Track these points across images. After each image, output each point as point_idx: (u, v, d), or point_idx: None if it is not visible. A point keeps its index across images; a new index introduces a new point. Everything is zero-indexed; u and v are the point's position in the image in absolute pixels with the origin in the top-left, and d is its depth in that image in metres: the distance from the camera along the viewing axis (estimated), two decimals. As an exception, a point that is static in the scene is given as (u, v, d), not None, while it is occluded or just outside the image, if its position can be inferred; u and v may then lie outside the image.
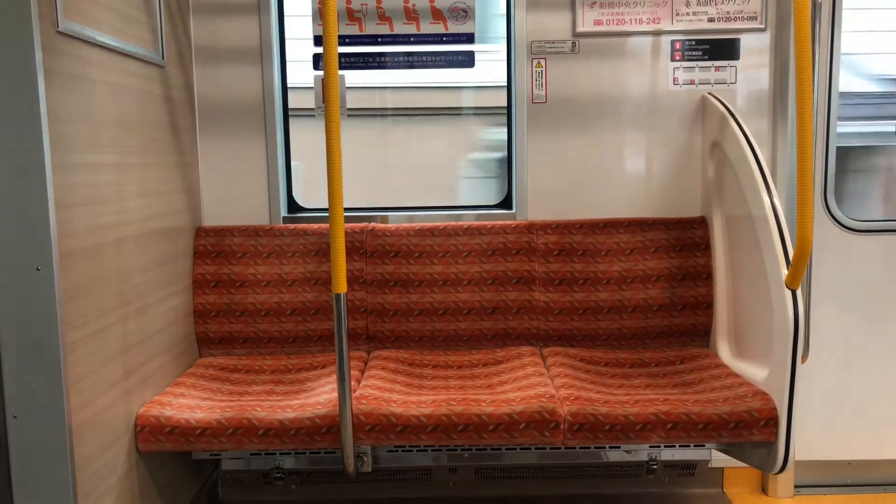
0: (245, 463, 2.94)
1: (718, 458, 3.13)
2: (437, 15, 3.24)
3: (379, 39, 3.28)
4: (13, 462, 2.00)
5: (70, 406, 2.03)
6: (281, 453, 2.80)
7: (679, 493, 3.28)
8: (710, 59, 3.21)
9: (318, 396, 2.64)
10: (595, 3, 3.18)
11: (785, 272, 2.42)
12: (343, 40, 3.25)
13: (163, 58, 2.83)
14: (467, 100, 3.95)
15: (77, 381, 2.10)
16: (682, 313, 3.11)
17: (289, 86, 3.33)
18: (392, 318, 3.14)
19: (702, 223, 3.17)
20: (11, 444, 2.00)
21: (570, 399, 2.51)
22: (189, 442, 2.47)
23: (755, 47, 3.19)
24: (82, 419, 2.13)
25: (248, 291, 3.13)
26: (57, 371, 1.99)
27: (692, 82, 3.22)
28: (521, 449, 2.74)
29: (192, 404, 2.59)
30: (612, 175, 3.28)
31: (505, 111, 3.34)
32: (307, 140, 3.44)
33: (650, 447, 2.78)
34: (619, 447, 2.79)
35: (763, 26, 3.17)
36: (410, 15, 3.24)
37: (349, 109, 3.34)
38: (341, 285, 2.24)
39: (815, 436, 3.27)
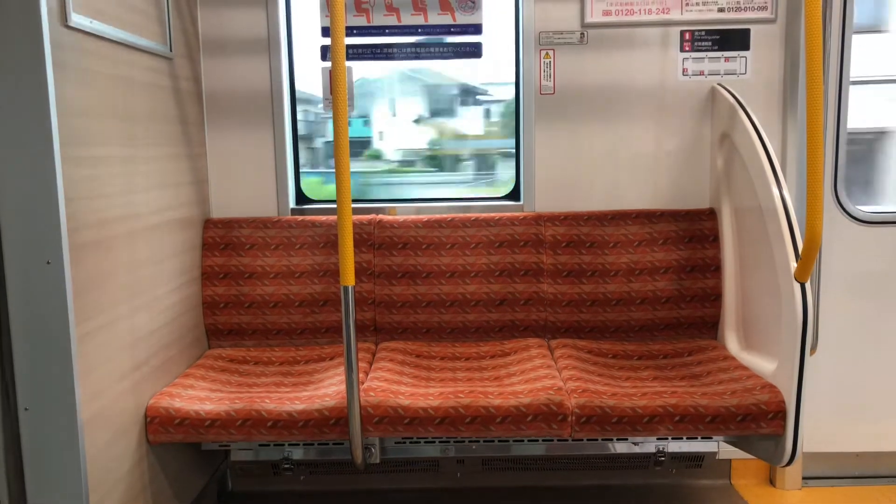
0: (254, 454, 2.95)
1: (726, 450, 3.14)
2: (444, 5, 3.23)
3: (386, 30, 3.27)
4: (25, 454, 2.02)
5: (81, 398, 2.05)
6: (290, 444, 2.81)
7: (686, 485, 3.28)
8: (720, 49, 3.18)
9: (326, 388, 2.65)
10: (604, -7, 3.17)
11: (794, 265, 2.41)
12: (350, 31, 3.24)
13: (171, 50, 2.82)
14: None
15: (87, 373, 2.12)
16: (690, 305, 3.11)
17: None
18: (400, 309, 3.15)
19: (710, 215, 3.16)
20: (23, 437, 2.02)
21: (578, 391, 2.51)
22: (198, 433, 2.48)
23: (765, 38, 3.17)
24: (93, 411, 2.15)
25: (256, 283, 3.14)
26: (68, 364, 2.00)
27: (701, 73, 3.20)
28: (528, 441, 2.75)
29: (202, 396, 2.60)
30: (620, 167, 3.26)
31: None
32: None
33: (658, 439, 2.78)
34: (626, 439, 2.79)
35: (773, 17, 3.14)
36: (418, 6, 3.23)
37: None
38: (349, 277, 2.24)
39: (824, 428, 3.26)
